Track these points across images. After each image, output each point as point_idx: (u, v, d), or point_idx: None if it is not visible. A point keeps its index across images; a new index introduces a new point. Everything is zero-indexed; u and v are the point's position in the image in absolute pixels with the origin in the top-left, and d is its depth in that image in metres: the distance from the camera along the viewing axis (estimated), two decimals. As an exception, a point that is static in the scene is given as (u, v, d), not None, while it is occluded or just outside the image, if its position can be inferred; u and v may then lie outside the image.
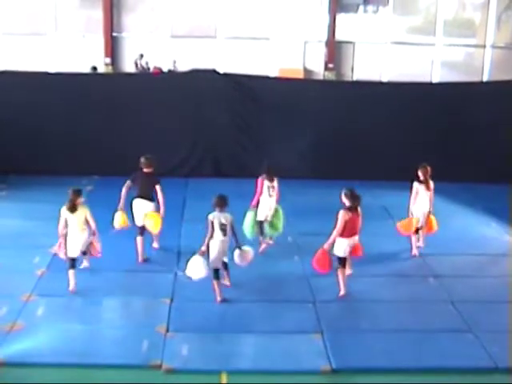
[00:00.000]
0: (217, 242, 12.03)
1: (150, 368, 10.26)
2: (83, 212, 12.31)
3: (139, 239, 13.80)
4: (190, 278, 12.14)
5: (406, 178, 14.76)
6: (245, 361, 10.68)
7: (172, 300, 12.29)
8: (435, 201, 14.57)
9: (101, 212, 13.15)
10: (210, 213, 12.09)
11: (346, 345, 11.02)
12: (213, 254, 12.05)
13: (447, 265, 14.26)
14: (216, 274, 12.17)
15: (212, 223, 12.01)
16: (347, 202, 12.34)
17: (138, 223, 13.78)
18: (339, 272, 12.59)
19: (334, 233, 12.27)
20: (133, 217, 13.76)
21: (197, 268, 12.03)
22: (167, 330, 11.24)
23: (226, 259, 12.37)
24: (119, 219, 13.75)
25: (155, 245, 14.43)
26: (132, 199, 13.73)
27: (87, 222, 12.36)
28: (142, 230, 13.80)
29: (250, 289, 12.78)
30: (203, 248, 12.03)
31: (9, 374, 10.05)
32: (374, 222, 15.09)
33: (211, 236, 12.01)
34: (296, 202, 17.54)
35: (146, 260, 13.83)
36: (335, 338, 11.17)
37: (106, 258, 13.13)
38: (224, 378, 10.09)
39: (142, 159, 13.75)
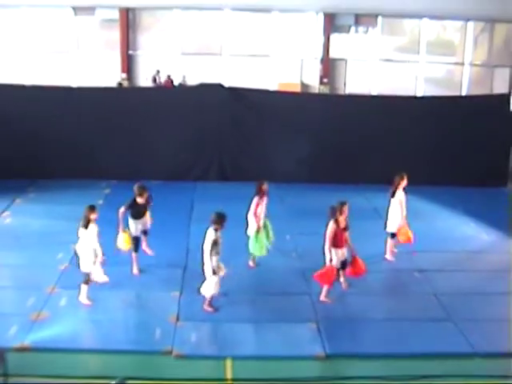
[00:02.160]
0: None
1: (162, 354, 10.28)
2: (95, 229, 11.66)
3: (135, 255, 13.25)
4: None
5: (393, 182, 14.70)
6: (247, 347, 10.67)
7: (181, 293, 12.28)
8: (420, 202, 14.53)
9: (116, 213, 13.13)
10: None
11: (338, 333, 11.04)
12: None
13: (431, 260, 14.24)
14: None
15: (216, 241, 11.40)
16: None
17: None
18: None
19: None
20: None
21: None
22: (177, 320, 11.25)
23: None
24: (124, 240, 13.03)
25: (135, 270, 13.30)
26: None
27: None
28: (137, 246, 13.21)
29: (252, 282, 12.78)
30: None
31: (35, 358, 10.10)
32: (366, 222, 15.08)
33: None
34: (294, 204, 17.54)
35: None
36: (329, 327, 11.17)
37: (121, 255, 13.12)
38: (229, 363, 10.09)
39: (135, 188, 12.99)
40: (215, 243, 11.24)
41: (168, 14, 32.37)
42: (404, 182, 13.95)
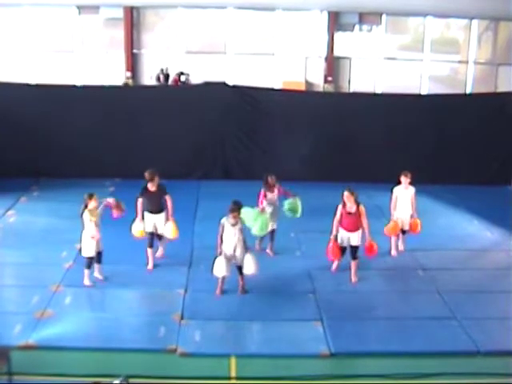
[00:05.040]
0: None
1: (167, 352, 10.28)
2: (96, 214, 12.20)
3: (149, 250, 13.36)
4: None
5: (396, 180, 14.69)
6: (252, 346, 10.69)
7: (186, 291, 12.28)
8: (424, 201, 14.52)
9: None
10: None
11: (343, 331, 11.01)
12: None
13: (434, 259, 14.24)
14: None
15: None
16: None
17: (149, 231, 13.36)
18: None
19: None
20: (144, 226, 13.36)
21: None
22: (182, 318, 11.25)
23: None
24: (138, 228, 13.27)
25: (159, 253, 13.77)
26: (143, 211, 13.28)
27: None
28: (152, 241, 13.36)
29: (256, 280, 12.69)
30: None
31: (40, 356, 10.10)
32: (369, 220, 15.01)
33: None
34: (298, 202, 17.51)
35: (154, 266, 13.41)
36: (334, 325, 11.16)
37: (126, 253, 13.17)
38: (233, 362, 10.10)
39: (146, 174, 13.14)
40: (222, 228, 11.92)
41: (172, 13, 32.35)
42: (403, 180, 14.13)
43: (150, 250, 13.30)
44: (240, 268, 12.18)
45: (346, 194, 12.70)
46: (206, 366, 9.98)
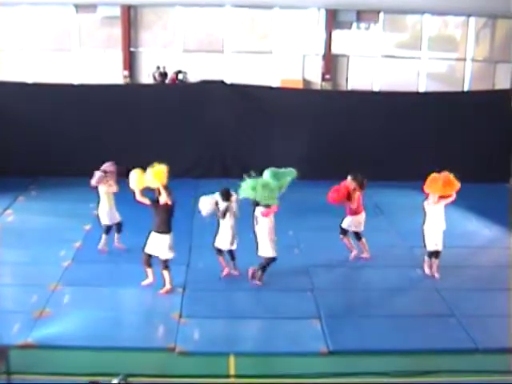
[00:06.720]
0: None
1: (165, 351, 10.28)
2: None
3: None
4: None
5: (395, 178, 14.70)
6: (250, 344, 10.69)
7: (184, 289, 12.29)
8: (422, 199, 14.48)
9: (117, 208, 13.18)
10: None
11: (342, 329, 11.03)
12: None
13: (433, 256, 14.21)
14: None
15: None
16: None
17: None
18: None
19: None
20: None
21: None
22: (180, 317, 11.25)
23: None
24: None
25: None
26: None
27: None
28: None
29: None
30: None
31: (38, 355, 10.09)
32: (367, 218, 15.02)
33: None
34: (297, 200, 17.47)
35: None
36: (332, 323, 11.17)
37: (125, 252, 13.14)
38: (232, 360, 10.10)
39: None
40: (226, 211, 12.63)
41: (170, 11, 32.32)
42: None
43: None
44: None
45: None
46: (204, 365, 9.99)
